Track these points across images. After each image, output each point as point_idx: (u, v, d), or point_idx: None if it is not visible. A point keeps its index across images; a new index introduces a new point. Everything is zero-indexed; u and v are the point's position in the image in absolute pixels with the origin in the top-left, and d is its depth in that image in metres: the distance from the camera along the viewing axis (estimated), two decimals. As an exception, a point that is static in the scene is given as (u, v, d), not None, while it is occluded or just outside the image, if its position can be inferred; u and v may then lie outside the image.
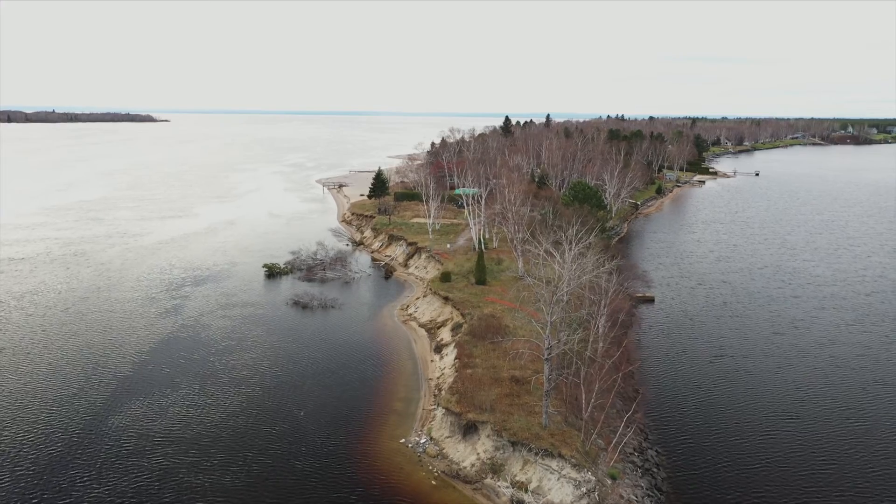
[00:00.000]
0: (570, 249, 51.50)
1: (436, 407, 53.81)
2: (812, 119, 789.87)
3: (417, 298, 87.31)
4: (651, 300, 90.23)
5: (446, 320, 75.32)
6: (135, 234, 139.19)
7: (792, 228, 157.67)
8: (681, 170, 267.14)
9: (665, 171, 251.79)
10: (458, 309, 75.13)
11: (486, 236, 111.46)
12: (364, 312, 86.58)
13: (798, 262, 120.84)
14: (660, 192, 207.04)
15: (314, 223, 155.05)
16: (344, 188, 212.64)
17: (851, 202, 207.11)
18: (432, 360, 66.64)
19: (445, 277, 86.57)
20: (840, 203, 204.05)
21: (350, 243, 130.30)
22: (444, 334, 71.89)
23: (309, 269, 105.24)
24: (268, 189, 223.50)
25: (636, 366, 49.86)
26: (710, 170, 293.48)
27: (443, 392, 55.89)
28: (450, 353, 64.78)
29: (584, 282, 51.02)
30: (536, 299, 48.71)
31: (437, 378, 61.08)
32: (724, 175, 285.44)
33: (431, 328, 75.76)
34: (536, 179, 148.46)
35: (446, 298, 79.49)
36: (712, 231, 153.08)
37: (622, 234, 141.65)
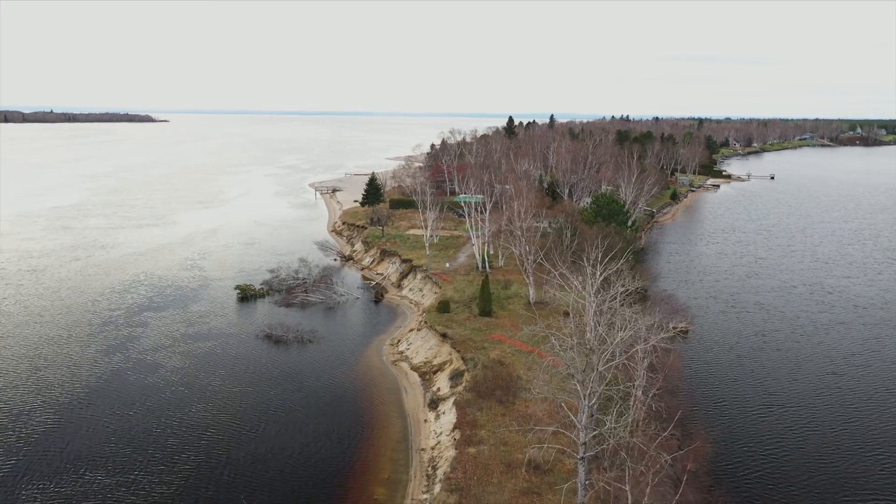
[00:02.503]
0: (605, 292, 38.47)
1: (428, 500, 40.78)
2: (819, 120, 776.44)
3: (411, 331, 74.07)
4: (685, 333, 77.15)
5: (444, 363, 62.20)
6: (103, 245, 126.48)
7: (820, 238, 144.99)
8: (693, 173, 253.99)
9: (678, 174, 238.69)
10: (458, 350, 61.97)
11: (491, 252, 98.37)
12: (347, 348, 73.37)
13: (836, 280, 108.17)
14: (674, 197, 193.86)
15: (301, 233, 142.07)
16: (337, 193, 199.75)
17: (877, 208, 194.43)
18: (426, 420, 53.54)
19: (443, 307, 73.35)
20: (865, 209, 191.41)
21: (338, 258, 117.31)
22: (441, 383, 58.76)
23: (289, 290, 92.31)
24: (258, 193, 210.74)
25: (700, 451, 37.19)
26: (724, 173, 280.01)
27: (437, 474, 43.02)
28: (447, 412, 51.83)
29: (638, 350, 38.09)
30: (568, 365, 35.94)
31: (432, 449, 47.96)
32: (739, 178, 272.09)
33: (426, 372, 62.58)
34: (546, 186, 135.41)
35: (444, 335, 66.29)
36: (734, 241, 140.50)
37: (640, 247, 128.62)
